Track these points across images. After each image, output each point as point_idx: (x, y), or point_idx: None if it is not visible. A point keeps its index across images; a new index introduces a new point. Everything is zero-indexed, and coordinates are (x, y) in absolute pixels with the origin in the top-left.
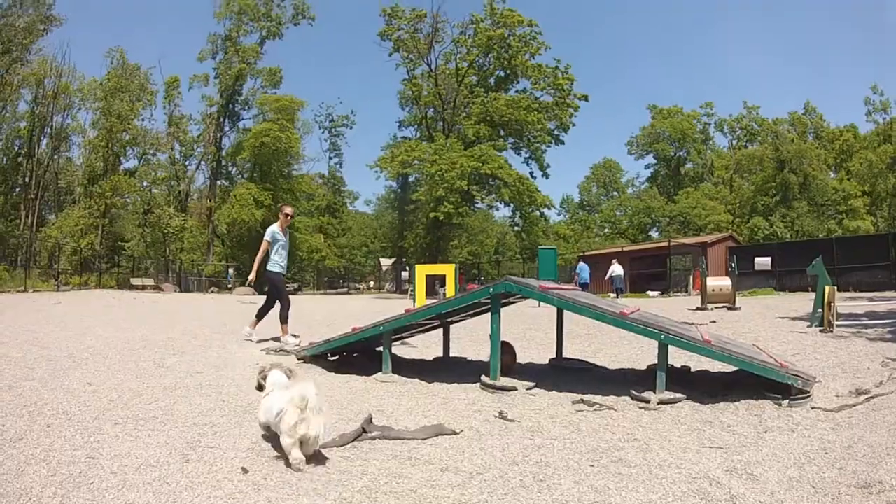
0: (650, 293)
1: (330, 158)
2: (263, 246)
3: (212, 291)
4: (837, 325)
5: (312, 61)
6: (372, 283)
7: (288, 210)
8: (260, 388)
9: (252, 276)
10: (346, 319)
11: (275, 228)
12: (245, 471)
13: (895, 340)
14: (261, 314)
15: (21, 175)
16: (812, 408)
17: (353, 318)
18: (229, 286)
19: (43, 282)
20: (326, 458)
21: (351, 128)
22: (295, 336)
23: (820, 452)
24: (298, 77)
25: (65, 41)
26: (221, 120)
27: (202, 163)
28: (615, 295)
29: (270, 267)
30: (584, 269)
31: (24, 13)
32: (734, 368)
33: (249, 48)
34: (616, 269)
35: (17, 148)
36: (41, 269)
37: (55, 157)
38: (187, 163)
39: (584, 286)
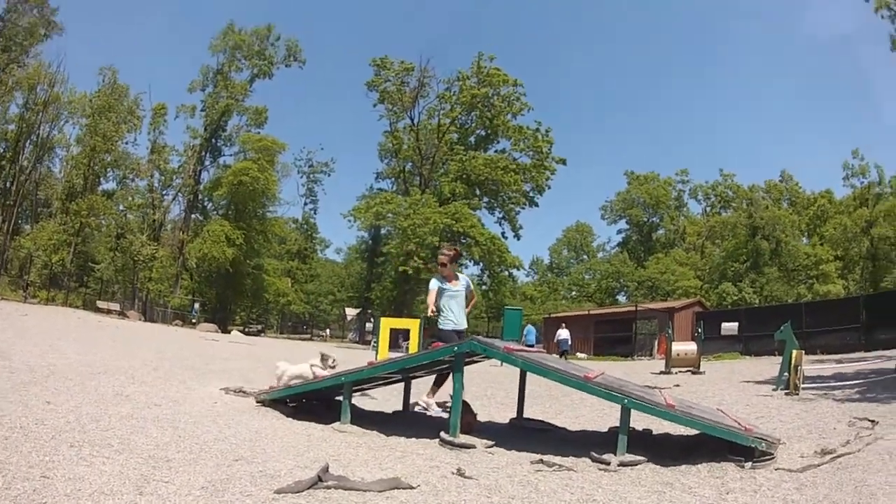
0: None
1: (305, 204)
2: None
3: (176, 324)
4: (804, 388)
5: (298, 105)
6: (328, 332)
7: (441, 256)
8: None
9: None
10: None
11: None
12: None
13: (863, 400)
14: (439, 381)
15: (2, 179)
16: (776, 469)
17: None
18: (193, 321)
19: (12, 290)
20: None
21: (329, 175)
22: (439, 405)
23: None
24: (282, 118)
25: (62, 50)
26: (203, 153)
27: (179, 194)
28: (560, 357)
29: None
30: (530, 332)
31: (27, 12)
32: (697, 432)
33: (239, 85)
34: (563, 332)
35: (1, 150)
36: (11, 277)
37: (37, 166)
38: (165, 192)
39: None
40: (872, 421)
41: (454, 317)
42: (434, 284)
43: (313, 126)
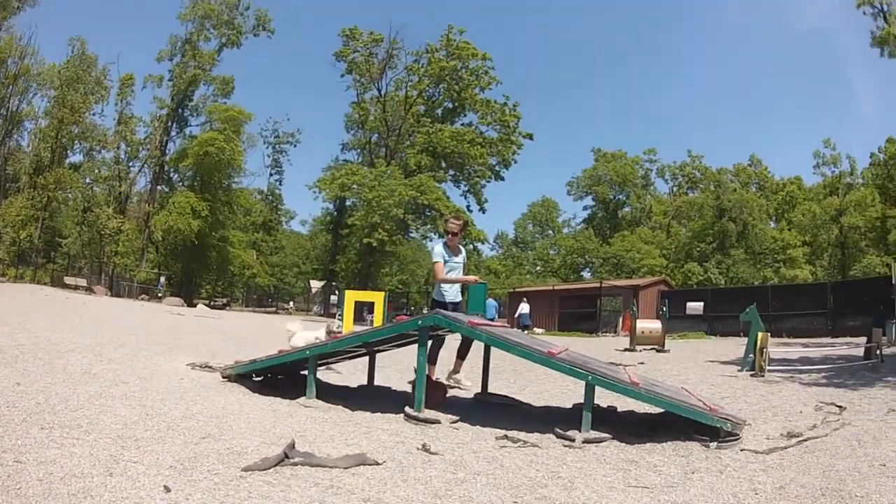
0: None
1: (270, 175)
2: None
3: (142, 299)
4: (769, 370)
5: (265, 75)
6: (291, 304)
7: (451, 224)
8: None
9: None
10: (275, 340)
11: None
12: (167, 489)
13: (830, 385)
14: (461, 353)
15: None
16: (741, 450)
17: (282, 339)
18: (159, 295)
19: None
20: (249, 483)
21: (295, 146)
22: (468, 382)
23: (750, 493)
24: (249, 89)
25: (33, 22)
26: (169, 124)
27: (145, 166)
28: (522, 332)
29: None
30: (491, 306)
31: None
32: (661, 410)
33: (207, 54)
34: (524, 307)
35: None
36: None
37: (6, 141)
38: (131, 164)
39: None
40: (840, 406)
41: (454, 289)
42: (441, 254)
43: (280, 96)
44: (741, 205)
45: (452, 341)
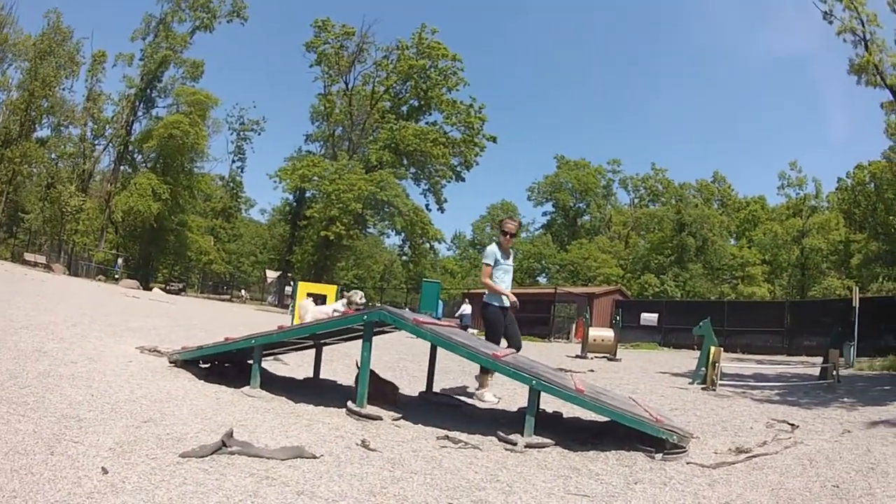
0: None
1: (233, 161)
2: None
3: (99, 279)
4: (721, 385)
5: (234, 61)
6: (244, 293)
7: (509, 225)
8: None
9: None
10: (225, 327)
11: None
12: (105, 471)
13: (783, 403)
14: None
15: None
16: (687, 463)
17: (232, 326)
18: (116, 276)
19: None
20: (185, 469)
21: (259, 134)
22: (496, 397)
23: None
24: (218, 74)
25: None
26: (137, 104)
27: (110, 145)
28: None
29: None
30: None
31: None
32: (607, 418)
33: (179, 36)
34: (465, 307)
35: None
36: None
37: None
38: (96, 142)
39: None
40: (792, 424)
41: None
42: (493, 255)
43: (248, 84)
44: (702, 220)
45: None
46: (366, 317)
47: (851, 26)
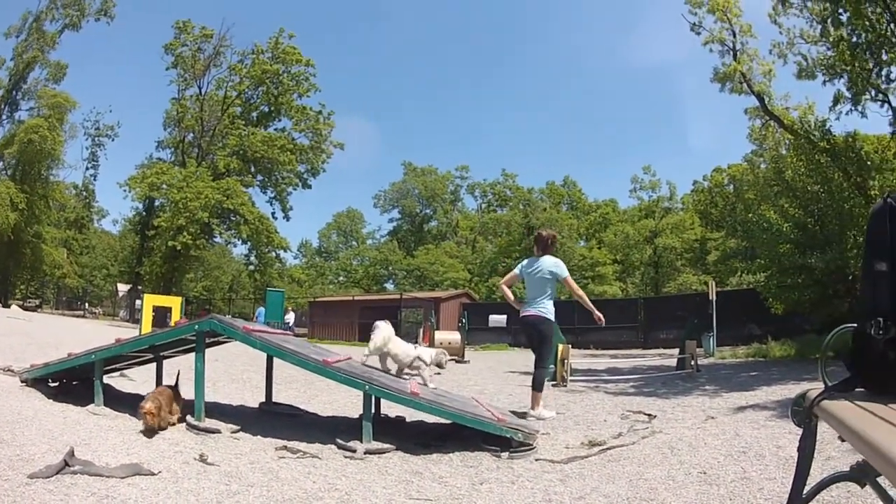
0: None
1: (86, 169)
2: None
3: None
4: (572, 381)
5: (96, 63)
6: (87, 306)
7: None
8: None
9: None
10: (77, 344)
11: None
12: None
13: (640, 395)
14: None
15: None
16: (536, 459)
17: (85, 342)
18: None
19: None
20: (33, 490)
21: (113, 140)
22: (551, 413)
23: None
24: (79, 75)
25: None
26: (2, 106)
27: None
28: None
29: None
30: (261, 313)
31: None
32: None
33: (49, 35)
34: (289, 316)
35: None
36: None
37: None
38: None
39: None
40: (649, 415)
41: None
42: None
43: (108, 87)
44: (550, 223)
45: None
46: (197, 326)
47: (721, 37)
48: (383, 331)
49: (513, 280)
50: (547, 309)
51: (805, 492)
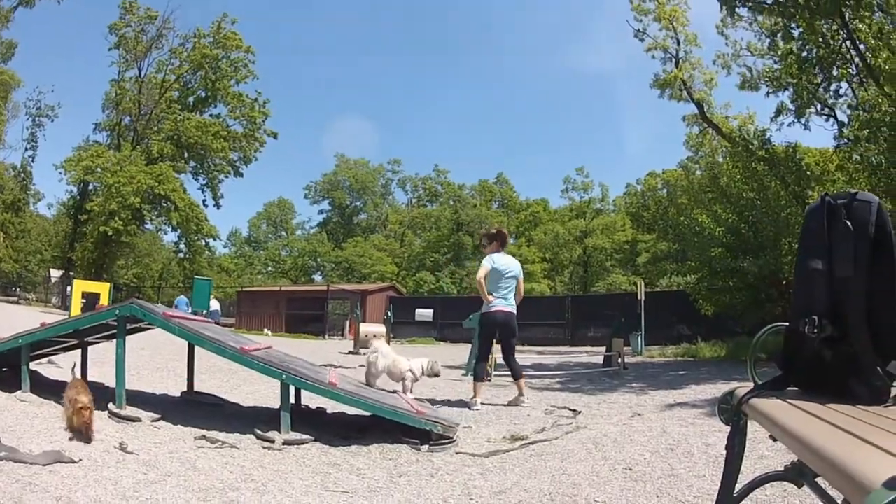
0: None
1: (25, 150)
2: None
3: None
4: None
5: (43, 40)
6: (32, 295)
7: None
8: None
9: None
10: (6, 329)
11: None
12: None
13: (565, 390)
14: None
15: None
16: (457, 453)
17: (14, 328)
18: None
19: None
20: None
21: (53, 120)
22: (482, 404)
23: (463, 497)
24: (27, 54)
25: None
26: None
27: None
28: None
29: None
30: (181, 302)
31: None
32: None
33: (3, 13)
34: (214, 303)
35: None
36: None
37: None
38: None
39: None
40: (574, 410)
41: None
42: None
43: (53, 67)
44: (480, 220)
45: None
46: (118, 311)
47: (664, 45)
48: (386, 357)
49: (488, 275)
50: (514, 305)
51: (736, 491)
